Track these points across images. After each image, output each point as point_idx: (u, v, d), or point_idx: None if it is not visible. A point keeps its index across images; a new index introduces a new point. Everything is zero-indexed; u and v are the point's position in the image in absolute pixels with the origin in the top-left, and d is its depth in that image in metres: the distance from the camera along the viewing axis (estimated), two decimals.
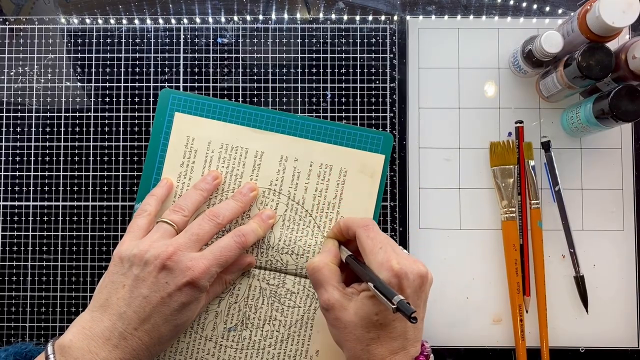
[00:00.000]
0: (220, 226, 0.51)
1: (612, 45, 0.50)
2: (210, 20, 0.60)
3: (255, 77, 0.59)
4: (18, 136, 0.59)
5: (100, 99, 0.59)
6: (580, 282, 0.57)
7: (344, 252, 0.50)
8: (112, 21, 0.60)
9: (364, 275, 0.45)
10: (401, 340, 0.44)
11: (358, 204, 0.56)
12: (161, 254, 0.47)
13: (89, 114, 0.59)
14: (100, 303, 0.47)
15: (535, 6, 0.60)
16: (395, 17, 0.60)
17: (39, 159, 0.58)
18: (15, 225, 0.58)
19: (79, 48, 0.59)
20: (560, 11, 0.60)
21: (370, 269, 0.45)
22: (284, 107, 0.59)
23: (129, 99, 0.59)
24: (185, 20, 0.60)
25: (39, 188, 0.58)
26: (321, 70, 0.59)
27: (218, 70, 0.59)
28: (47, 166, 0.58)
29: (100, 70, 0.59)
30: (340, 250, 0.51)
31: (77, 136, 0.59)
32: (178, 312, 0.47)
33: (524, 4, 0.60)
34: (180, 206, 0.52)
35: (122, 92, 0.59)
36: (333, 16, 0.60)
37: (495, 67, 0.59)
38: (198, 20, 0.60)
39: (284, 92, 0.59)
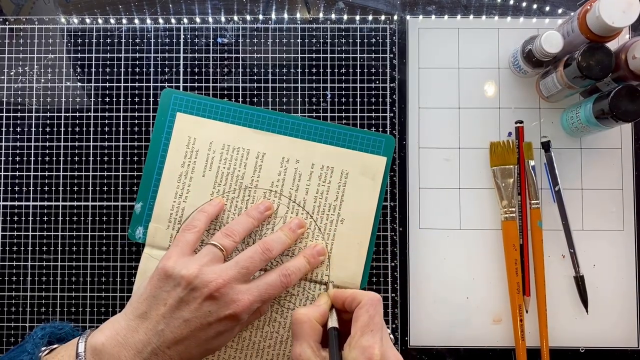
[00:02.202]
0: (269, 260, 0.51)
1: (612, 45, 0.50)
2: (210, 20, 0.60)
3: (255, 77, 0.59)
4: (18, 136, 0.58)
5: (100, 99, 0.59)
6: (580, 282, 0.57)
7: (331, 319, 0.48)
8: (112, 21, 0.60)
9: (332, 356, 0.44)
10: None
11: (359, 206, 0.56)
12: (210, 284, 0.46)
13: (89, 114, 0.59)
14: (139, 314, 0.47)
15: (535, 6, 0.60)
16: (395, 17, 0.60)
17: (39, 159, 0.58)
18: (15, 225, 0.58)
19: (79, 48, 0.59)
20: (560, 11, 0.60)
21: (341, 353, 0.44)
22: (284, 107, 0.59)
23: (129, 99, 0.59)
24: (185, 20, 0.60)
25: (39, 188, 0.58)
26: (321, 70, 0.59)
27: (218, 70, 0.59)
28: (47, 166, 0.58)
29: (100, 70, 0.59)
30: (330, 314, 0.48)
31: (77, 136, 0.58)
32: (213, 339, 0.47)
33: (524, 4, 0.60)
34: (232, 231, 0.51)
35: (122, 92, 0.59)
36: (333, 16, 0.60)
37: (495, 67, 0.59)
38: (198, 20, 0.60)
39: (284, 92, 0.59)
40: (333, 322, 0.47)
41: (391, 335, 0.48)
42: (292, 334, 0.47)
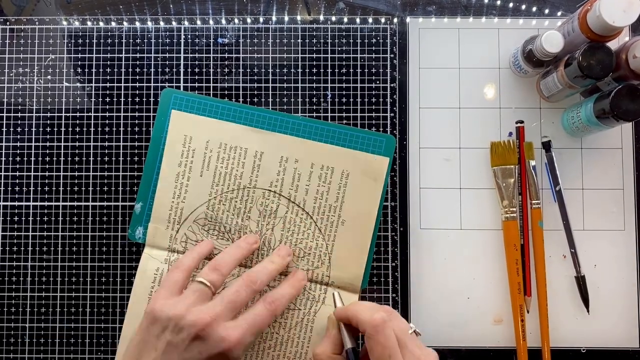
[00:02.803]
0: (257, 292, 0.49)
1: (613, 44, 0.50)
2: (211, 21, 0.60)
3: (255, 78, 0.59)
4: (18, 136, 0.58)
5: (100, 99, 0.59)
6: (581, 282, 0.57)
7: (347, 341, 0.48)
8: (112, 22, 0.60)
9: None
10: None
11: (360, 207, 0.55)
12: (196, 323, 0.45)
13: (89, 114, 0.59)
14: None
15: (534, 8, 0.60)
16: (396, 18, 0.60)
17: (39, 159, 0.58)
18: (15, 225, 0.58)
19: (80, 49, 0.59)
20: (559, 13, 0.60)
21: None
22: (284, 107, 0.59)
23: (129, 99, 0.59)
24: (186, 21, 0.60)
25: (39, 188, 0.58)
26: (321, 70, 0.59)
27: (218, 70, 0.59)
28: (47, 166, 0.58)
29: (101, 70, 0.59)
30: (343, 337, 0.49)
31: (77, 136, 0.58)
32: None
33: (524, 6, 0.60)
34: (219, 264, 0.50)
35: (122, 92, 0.59)
36: (333, 17, 0.60)
37: (495, 67, 0.59)
38: (198, 20, 0.60)
39: (284, 93, 0.59)
40: (347, 343, 0.48)
41: (416, 330, 0.46)
42: None
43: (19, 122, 0.59)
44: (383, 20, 0.60)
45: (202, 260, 0.53)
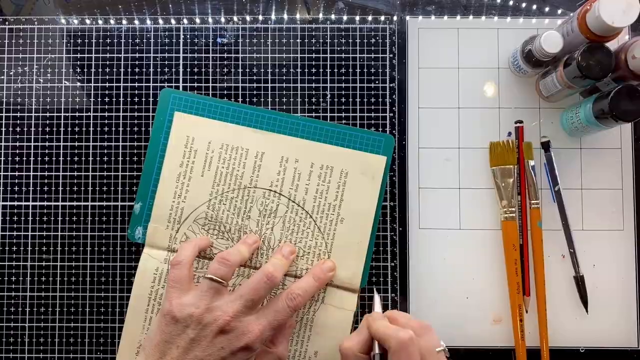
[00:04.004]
0: (274, 287, 0.50)
1: (612, 45, 0.50)
2: (210, 20, 0.60)
3: (255, 77, 0.59)
4: (18, 136, 0.58)
5: (100, 99, 0.59)
6: (580, 282, 0.57)
7: (376, 346, 0.48)
8: (112, 21, 0.60)
9: None
10: None
11: (359, 205, 0.56)
12: (218, 319, 0.47)
13: (89, 114, 0.59)
14: None
15: (534, 6, 0.60)
16: (395, 17, 0.60)
17: (39, 159, 0.58)
18: (15, 225, 0.58)
19: (79, 48, 0.59)
20: (559, 11, 0.60)
21: None
22: (284, 107, 0.59)
23: (129, 99, 0.59)
24: (185, 21, 0.60)
25: (38, 188, 0.58)
26: (321, 70, 0.59)
27: (218, 70, 0.59)
28: (47, 166, 0.58)
29: (100, 70, 0.59)
30: (374, 342, 0.48)
31: (77, 136, 0.58)
32: None
33: (524, 4, 0.60)
34: (226, 257, 0.50)
35: (121, 92, 0.59)
36: (333, 16, 0.60)
37: (495, 67, 0.59)
38: (198, 20, 0.60)
39: (284, 92, 0.59)
40: (376, 348, 0.47)
41: (444, 348, 0.47)
42: None
43: (18, 122, 0.59)
44: (382, 19, 0.60)
45: (200, 252, 0.54)
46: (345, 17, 0.59)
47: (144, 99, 0.59)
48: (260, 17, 0.60)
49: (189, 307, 0.47)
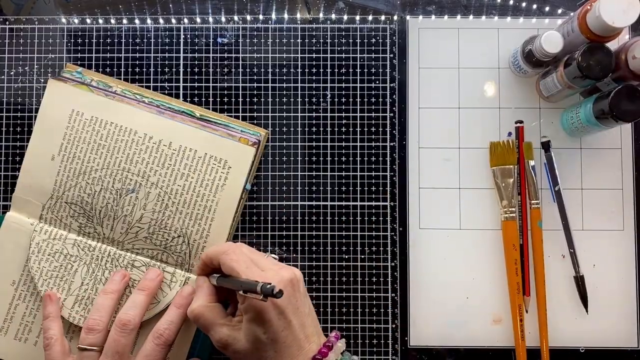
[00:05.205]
0: (135, 330, 0.49)
1: (612, 45, 0.50)
2: (211, 20, 0.60)
3: (255, 77, 0.59)
4: (18, 136, 0.58)
5: None
6: (580, 282, 0.57)
7: (213, 279, 0.49)
8: (112, 21, 0.60)
9: (233, 286, 0.45)
10: (296, 343, 0.45)
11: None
12: None
13: None
14: None
15: (535, 6, 0.60)
16: (395, 17, 0.60)
17: None
18: None
19: (79, 48, 0.59)
20: (560, 11, 0.60)
21: (235, 278, 0.46)
22: (284, 106, 0.59)
23: None
24: (186, 20, 0.60)
25: None
26: (321, 70, 0.59)
27: (218, 70, 0.59)
28: None
29: (100, 70, 0.59)
30: (210, 279, 0.50)
31: None
32: None
33: (524, 4, 0.60)
34: (93, 322, 0.49)
35: None
36: (333, 16, 0.60)
37: (495, 67, 0.59)
38: (198, 20, 0.60)
39: (284, 92, 0.59)
40: (215, 278, 0.49)
41: (273, 255, 0.50)
42: (202, 329, 0.48)
43: (19, 121, 0.59)
44: (383, 19, 0.60)
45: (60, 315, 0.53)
46: (345, 17, 0.59)
47: None
48: (261, 17, 0.60)
49: None
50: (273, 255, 0.49)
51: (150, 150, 0.55)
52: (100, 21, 0.60)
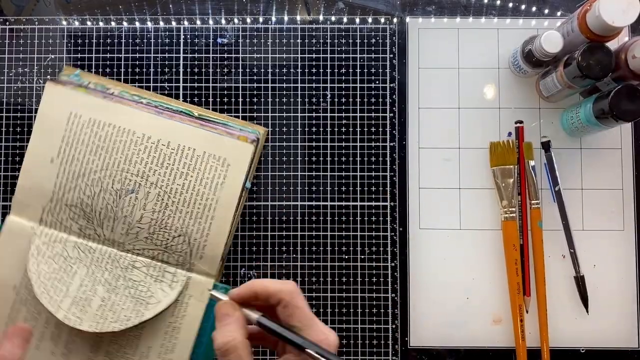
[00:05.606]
0: None
1: (612, 45, 0.50)
2: (210, 20, 0.60)
3: (255, 78, 0.59)
4: (18, 136, 0.59)
5: None
6: (580, 282, 0.57)
7: (252, 315, 0.41)
8: (112, 22, 0.60)
9: (293, 339, 0.39)
10: None
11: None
12: None
13: None
14: None
15: (534, 8, 0.60)
16: (395, 18, 0.60)
17: None
18: None
19: (79, 49, 0.59)
20: (559, 13, 0.60)
21: (291, 327, 0.39)
22: (284, 106, 0.59)
23: None
24: (186, 21, 0.60)
25: None
26: (321, 70, 0.59)
27: (218, 70, 0.59)
28: None
29: (100, 70, 0.59)
30: (248, 314, 0.41)
31: None
32: None
33: (523, 6, 0.60)
34: None
35: None
36: (333, 17, 0.60)
37: (495, 67, 0.59)
38: (198, 20, 0.60)
39: (284, 92, 0.59)
40: (255, 315, 0.41)
41: None
42: None
43: (19, 121, 0.59)
44: (382, 20, 0.60)
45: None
46: (345, 18, 0.60)
47: None
48: (261, 18, 0.60)
49: None
50: None
51: (149, 150, 0.55)
52: (101, 22, 0.60)
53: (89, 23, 0.60)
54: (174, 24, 0.60)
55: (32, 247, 0.54)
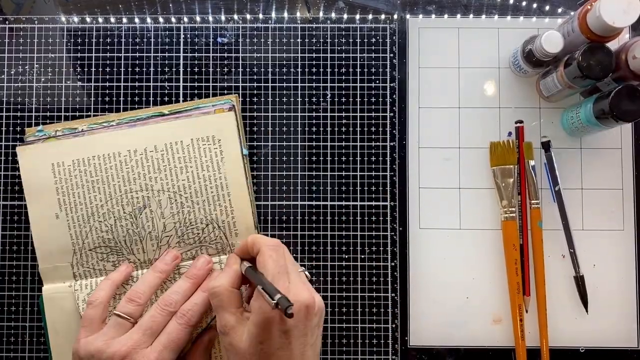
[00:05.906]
0: (174, 313, 0.50)
1: (613, 45, 0.50)
2: (210, 19, 0.60)
3: (255, 77, 0.59)
4: (18, 136, 0.58)
5: (100, 99, 0.59)
6: (580, 282, 0.57)
7: (243, 266, 0.48)
8: (112, 20, 0.59)
9: (256, 281, 0.44)
10: None
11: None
12: (116, 354, 0.46)
13: (89, 113, 0.59)
14: None
15: (535, 5, 0.60)
16: (395, 17, 0.60)
17: None
18: (16, 225, 0.58)
19: (79, 47, 0.59)
20: (559, 10, 0.60)
21: (262, 275, 0.45)
22: (284, 106, 0.59)
23: (129, 99, 0.59)
24: (186, 20, 0.60)
25: None
26: (321, 70, 0.59)
27: (218, 69, 0.59)
28: None
29: (100, 69, 0.59)
30: (242, 265, 0.49)
31: None
32: None
33: (524, 4, 0.60)
34: (135, 294, 0.51)
35: (121, 91, 0.59)
36: (333, 16, 0.59)
37: (495, 67, 0.59)
38: (198, 19, 0.60)
39: (284, 92, 0.59)
40: (246, 266, 0.48)
41: (306, 272, 0.47)
42: (213, 308, 0.47)
43: (19, 121, 0.59)
44: (382, 19, 0.60)
45: (118, 287, 0.53)
46: (345, 17, 0.59)
47: (144, 99, 0.59)
48: (261, 17, 0.60)
49: (90, 345, 0.48)
50: (307, 273, 0.47)
51: (141, 162, 0.55)
52: (100, 20, 0.60)
53: (88, 22, 0.60)
54: (173, 22, 0.59)
55: (78, 304, 0.55)
